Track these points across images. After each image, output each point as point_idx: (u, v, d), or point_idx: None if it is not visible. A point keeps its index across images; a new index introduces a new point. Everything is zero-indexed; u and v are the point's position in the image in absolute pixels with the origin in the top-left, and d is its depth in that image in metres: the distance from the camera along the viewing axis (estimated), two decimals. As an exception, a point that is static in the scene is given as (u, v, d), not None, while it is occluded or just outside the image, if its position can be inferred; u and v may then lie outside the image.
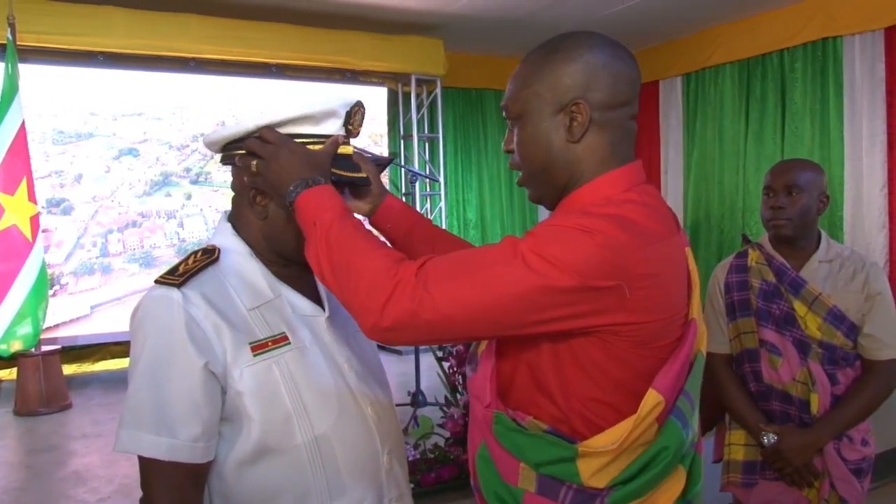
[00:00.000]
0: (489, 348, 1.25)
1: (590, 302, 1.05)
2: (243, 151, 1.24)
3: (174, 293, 1.16)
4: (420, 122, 7.51)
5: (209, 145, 1.31)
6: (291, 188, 1.17)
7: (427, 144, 7.70)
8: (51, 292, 5.54)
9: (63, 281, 5.96)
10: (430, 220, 1.53)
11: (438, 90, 7.44)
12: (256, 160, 1.21)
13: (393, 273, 1.06)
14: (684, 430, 1.17)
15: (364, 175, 1.37)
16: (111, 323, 6.08)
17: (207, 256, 1.26)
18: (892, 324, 2.11)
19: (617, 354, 1.12)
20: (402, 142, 7.66)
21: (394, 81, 7.52)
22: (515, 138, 1.23)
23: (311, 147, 1.24)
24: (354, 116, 1.30)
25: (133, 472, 3.91)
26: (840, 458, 2.09)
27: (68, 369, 6.00)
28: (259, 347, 1.20)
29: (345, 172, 1.29)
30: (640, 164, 1.23)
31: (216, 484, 1.21)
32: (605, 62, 1.16)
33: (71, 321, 5.99)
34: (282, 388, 1.20)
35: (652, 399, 1.12)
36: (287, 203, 1.19)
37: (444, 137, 7.60)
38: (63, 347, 5.81)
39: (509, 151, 1.26)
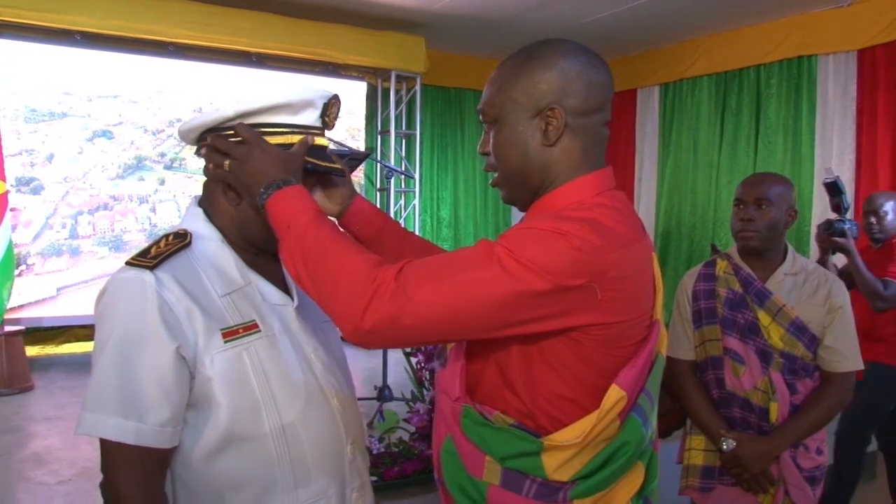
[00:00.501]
0: (459, 345, 1.27)
1: (563, 303, 1.08)
2: (214, 143, 1.23)
3: (147, 275, 1.15)
4: (398, 118, 7.51)
5: (184, 135, 1.30)
6: (262, 190, 1.17)
7: (404, 141, 7.70)
8: (17, 272, 5.46)
9: (30, 261, 5.89)
10: (398, 223, 1.54)
11: (418, 87, 7.44)
12: (228, 160, 1.21)
13: (372, 277, 1.06)
14: (644, 426, 1.21)
15: (339, 167, 1.37)
16: (77, 305, 6.02)
17: (180, 241, 1.25)
18: (851, 337, 2.16)
19: (585, 353, 1.15)
20: (379, 137, 7.65)
21: (374, 76, 7.52)
22: (492, 141, 1.25)
23: (286, 136, 1.25)
24: (331, 109, 1.31)
25: (95, 455, 3.83)
26: (795, 465, 2.14)
27: (31, 351, 5.91)
28: (230, 334, 1.20)
29: (320, 162, 1.30)
30: (611, 169, 1.26)
31: (181, 471, 1.21)
32: (579, 69, 1.19)
33: (36, 302, 5.92)
34: (251, 375, 1.20)
35: (614, 394, 1.16)
36: (258, 205, 1.19)
37: (421, 135, 7.61)
38: (27, 328, 5.74)
39: (485, 154, 1.28)
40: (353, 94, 7.40)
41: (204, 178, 1.34)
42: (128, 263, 1.19)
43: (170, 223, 6.37)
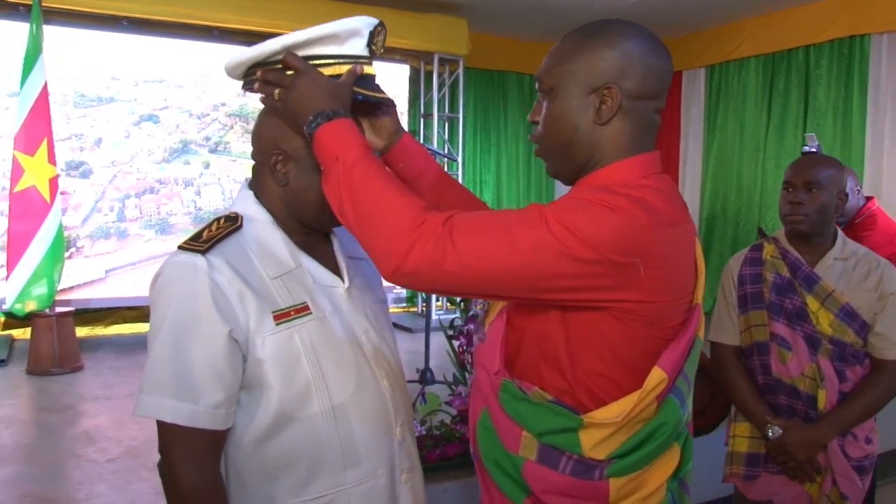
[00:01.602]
0: (499, 319, 1.28)
1: (606, 276, 1.09)
2: (264, 75, 1.23)
3: (199, 259, 1.17)
4: (441, 101, 7.50)
5: (230, 70, 1.29)
6: (311, 118, 1.17)
7: (447, 124, 7.68)
8: (66, 255, 5.59)
9: (79, 244, 6.02)
10: (442, 167, 1.54)
11: (461, 70, 7.41)
12: (278, 89, 1.21)
13: (420, 221, 1.07)
14: (682, 408, 1.22)
15: (388, 97, 1.36)
16: (125, 287, 6.14)
17: (230, 224, 1.26)
18: (904, 324, 2.11)
19: (625, 332, 1.15)
20: (422, 120, 7.64)
21: (416, 59, 7.50)
22: (544, 111, 1.25)
23: (334, 68, 1.24)
24: (378, 36, 1.29)
25: (141, 434, 3.98)
26: (843, 454, 2.10)
27: (81, 332, 6.07)
28: (282, 316, 1.21)
29: (370, 92, 1.29)
30: (658, 154, 1.26)
31: (232, 452, 1.23)
32: (641, 53, 1.19)
33: (85, 284, 6.05)
34: (302, 357, 1.21)
35: (657, 376, 1.16)
36: (306, 134, 1.18)
37: (464, 118, 7.58)
38: (77, 310, 5.88)
39: (534, 122, 1.28)
40: (395, 77, 7.39)
41: (249, 162, 1.36)
42: (180, 248, 1.20)
43: (214, 206, 6.47)
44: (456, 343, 3.40)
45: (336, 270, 1.34)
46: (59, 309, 5.51)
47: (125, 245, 6.19)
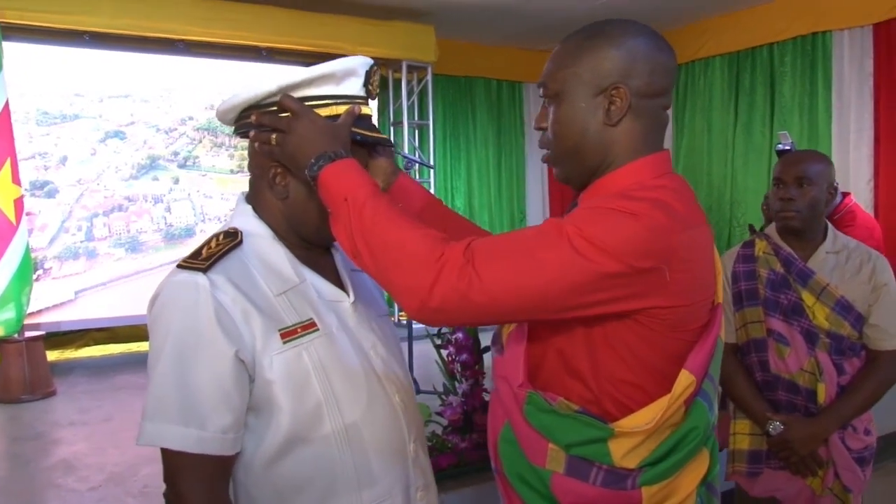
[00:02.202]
0: (519, 330, 1.25)
1: (633, 285, 1.06)
2: (257, 123, 1.19)
3: (200, 278, 1.12)
4: (410, 108, 7.47)
5: (223, 115, 1.26)
6: (313, 161, 1.13)
7: (417, 131, 7.66)
8: (34, 277, 5.45)
9: (47, 265, 5.88)
10: (441, 201, 1.51)
11: (429, 77, 7.39)
12: (276, 133, 1.17)
13: (439, 253, 1.04)
14: (710, 411, 1.20)
15: (386, 137, 1.33)
16: (96, 308, 6.00)
17: (230, 240, 1.21)
18: (897, 315, 2.12)
19: (649, 337, 1.13)
20: (391, 128, 7.61)
21: (384, 67, 7.46)
22: (550, 116, 1.22)
23: (331, 108, 1.21)
24: (374, 77, 1.27)
25: (123, 459, 3.87)
26: (844, 447, 2.11)
27: (51, 355, 5.90)
28: (289, 334, 1.16)
29: (368, 133, 1.26)
30: (669, 153, 1.25)
31: (241, 476, 1.18)
32: (646, 51, 1.18)
33: (55, 306, 5.91)
34: (312, 375, 1.16)
35: (685, 380, 1.14)
36: (310, 177, 1.14)
37: (433, 124, 7.56)
38: (47, 333, 5.72)
39: (541, 129, 1.26)
40: (363, 86, 7.33)
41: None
42: (179, 266, 1.16)
43: (185, 223, 6.36)
44: (444, 352, 3.36)
45: (340, 284, 1.30)
46: (28, 333, 5.36)
47: (95, 265, 6.05)
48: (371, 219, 1.09)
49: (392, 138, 7.52)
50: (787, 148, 3.04)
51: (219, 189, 6.46)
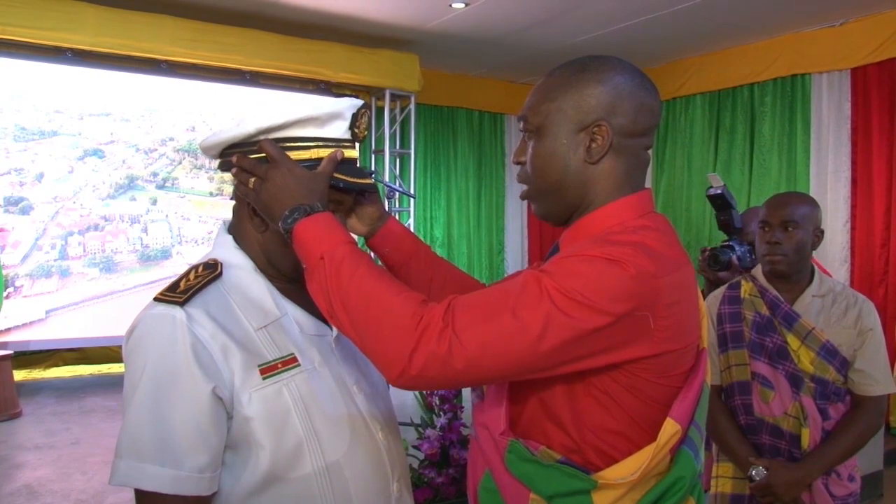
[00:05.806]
0: None
1: (617, 335, 1.04)
2: (238, 162, 1.17)
3: (177, 312, 1.09)
4: (392, 137, 7.46)
5: (206, 150, 1.24)
6: (287, 214, 1.11)
7: (398, 160, 7.65)
8: (4, 294, 5.34)
9: (18, 283, 5.76)
10: (430, 247, 1.48)
11: (412, 106, 7.39)
12: (253, 178, 1.15)
13: (418, 318, 1.01)
14: (696, 459, 1.16)
15: (371, 182, 1.30)
16: (67, 328, 5.88)
17: (210, 272, 1.18)
18: (883, 360, 2.12)
19: (633, 384, 1.10)
20: (373, 156, 7.59)
21: (367, 95, 7.46)
22: (530, 151, 1.20)
23: (313, 151, 1.18)
24: (361, 119, 1.25)
25: (89, 486, 3.77)
26: (828, 493, 2.08)
27: (18, 375, 5.77)
28: (269, 370, 1.13)
29: (352, 179, 1.22)
30: (651, 192, 1.23)
31: None
32: (632, 89, 1.16)
33: (24, 325, 5.78)
34: (293, 413, 1.13)
35: (670, 428, 1.11)
36: (283, 231, 1.12)
37: (415, 153, 7.56)
38: (15, 352, 5.58)
39: (519, 163, 1.23)
40: (346, 112, 7.32)
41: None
42: (156, 299, 1.12)
43: (162, 244, 6.27)
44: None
45: (322, 318, 1.26)
46: (-5, 352, 5.24)
47: (67, 284, 5.94)
48: (348, 281, 1.05)
49: (373, 166, 7.50)
50: (719, 192, 2.94)
51: (197, 211, 6.39)
